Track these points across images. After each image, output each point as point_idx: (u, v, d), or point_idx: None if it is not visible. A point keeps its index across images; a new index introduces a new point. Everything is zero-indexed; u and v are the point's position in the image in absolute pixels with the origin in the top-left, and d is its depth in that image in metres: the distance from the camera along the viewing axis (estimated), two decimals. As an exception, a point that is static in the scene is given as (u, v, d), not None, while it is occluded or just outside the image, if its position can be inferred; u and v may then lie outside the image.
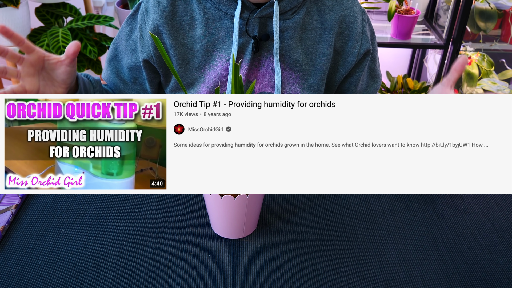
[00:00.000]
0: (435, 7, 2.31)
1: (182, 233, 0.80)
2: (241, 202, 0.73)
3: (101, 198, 0.87)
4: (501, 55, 2.38)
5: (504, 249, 0.80)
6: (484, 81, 2.34)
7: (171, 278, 0.72)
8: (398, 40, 2.17)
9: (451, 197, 0.90)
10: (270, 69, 0.93)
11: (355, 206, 0.87)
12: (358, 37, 0.94)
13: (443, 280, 0.74)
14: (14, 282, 0.71)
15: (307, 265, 0.75)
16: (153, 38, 0.67)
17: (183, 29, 0.90)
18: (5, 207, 0.83)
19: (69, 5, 2.06)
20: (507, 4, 2.22)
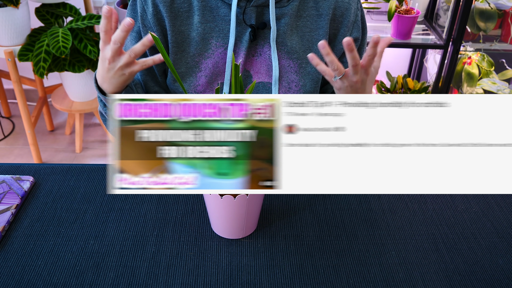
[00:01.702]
0: (435, 7, 2.31)
1: (182, 233, 0.80)
2: (241, 202, 0.73)
3: (101, 198, 0.87)
4: (501, 55, 2.38)
5: (504, 249, 0.80)
6: (484, 81, 2.34)
7: (171, 278, 0.72)
8: (398, 40, 2.17)
9: (451, 197, 0.90)
10: (267, 58, 0.93)
11: (355, 206, 0.87)
12: (350, 25, 0.94)
13: (443, 280, 0.74)
14: (14, 282, 0.71)
15: (307, 265, 0.75)
16: (153, 38, 0.67)
17: (181, 16, 0.90)
18: (5, 207, 0.83)
19: (69, 5, 2.06)
20: (507, 4, 2.22)
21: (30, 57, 1.95)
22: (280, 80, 0.93)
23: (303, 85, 0.95)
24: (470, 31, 2.27)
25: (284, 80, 0.94)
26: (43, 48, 1.93)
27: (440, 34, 2.20)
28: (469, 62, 2.28)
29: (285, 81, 0.94)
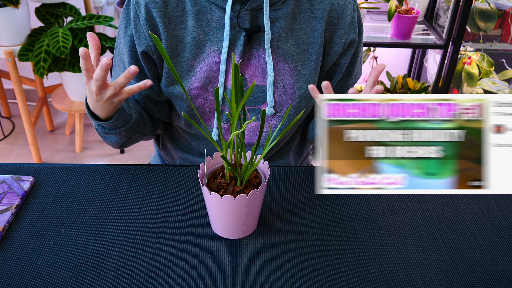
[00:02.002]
0: (435, 7, 2.31)
1: (182, 233, 0.80)
2: (241, 202, 0.73)
3: (101, 198, 0.87)
4: (501, 55, 2.38)
5: (504, 249, 0.80)
6: (484, 81, 2.34)
7: (171, 278, 0.72)
8: (398, 40, 2.17)
9: (451, 197, 0.90)
10: (262, 61, 0.93)
11: (355, 206, 0.87)
12: (346, 27, 0.94)
13: (443, 280, 0.74)
14: (14, 282, 0.71)
15: (307, 265, 0.75)
16: (153, 38, 0.67)
17: (175, 21, 0.90)
18: (5, 207, 0.83)
19: (69, 5, 2.06)
20: (507, 4, 2.22)
21: (30, 57, 1.95)
22: (275, 83, 0.94)
23: (298, 87, 0.94)
24: (470, 31, 2.27)
25: (279, 83, 0.94)
26: (43, 48, 1.93)
27: (440, 34, 2.20)
28: (469, 62, 2.28)
29: (280, 84, 0.94)
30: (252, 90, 0.93)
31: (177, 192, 0.89)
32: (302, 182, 0.92)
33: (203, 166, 0.77)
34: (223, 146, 0.74)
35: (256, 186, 0.76)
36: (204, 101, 0.95)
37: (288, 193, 0.90)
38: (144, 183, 0.91)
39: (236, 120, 0.72)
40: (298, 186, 0.91)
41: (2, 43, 1.99)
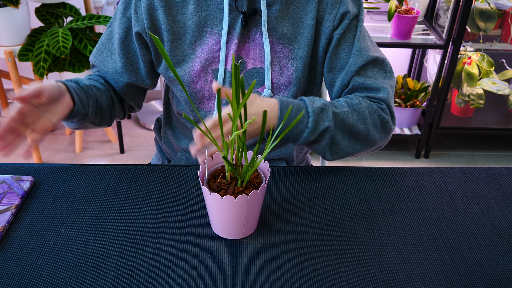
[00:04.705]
0: (435, 7, 2.31)
1: (182, 233, 0.80)
2: (241, 202, 0.73)
3: (101, 198, 0.87)
4: (501, 55, 2.38)
5: (504, 249, 0.80)
6: (484, 81, 2.34)
7: (171, 278, 0.72)
8: (398, 40, 2.17)
9: (451, 197, 0.90)
10: (259, 43, 0.96)
11: (355, 206, 0.87)
12: (335, 3, 0.95)
13: (443, 280, 0.74)
14: (14, 282, 0.71)
15: (307, 265, 0.75)
16: (153, 38, 0.67)
17: (176, 6, 0.94)
18: (5, 207, 0.83)
19: (69, 5, 2.06)
20: (507, 4, 2.22)
21: (30, 57, 1.95)
22: (272, 65, 0.97)
23: (295, 69, 0.97)
24: (470, 31, 2.27)
25: (276, 65, 0.97)
26: (43, 48, 1.93)
27: (440, 34, 2.20)
28: (469, 62, 2.27)
29: (277, 66, 0.97)
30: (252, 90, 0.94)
31: (177, 192, 0.89)
32: (302, 182, 0.92)
33: (204, 166, 0.77)
34: (224, 146, 0.74)
35: (256, 186, 0.76)
36: (204, 83, 0.98)
37: (288, 193, 0.90)
38: (144, 183, 0.91)
39: (237, 120, 0.72)
40: (298, 186, 0.91)
41: (2, 43, 1.99)
